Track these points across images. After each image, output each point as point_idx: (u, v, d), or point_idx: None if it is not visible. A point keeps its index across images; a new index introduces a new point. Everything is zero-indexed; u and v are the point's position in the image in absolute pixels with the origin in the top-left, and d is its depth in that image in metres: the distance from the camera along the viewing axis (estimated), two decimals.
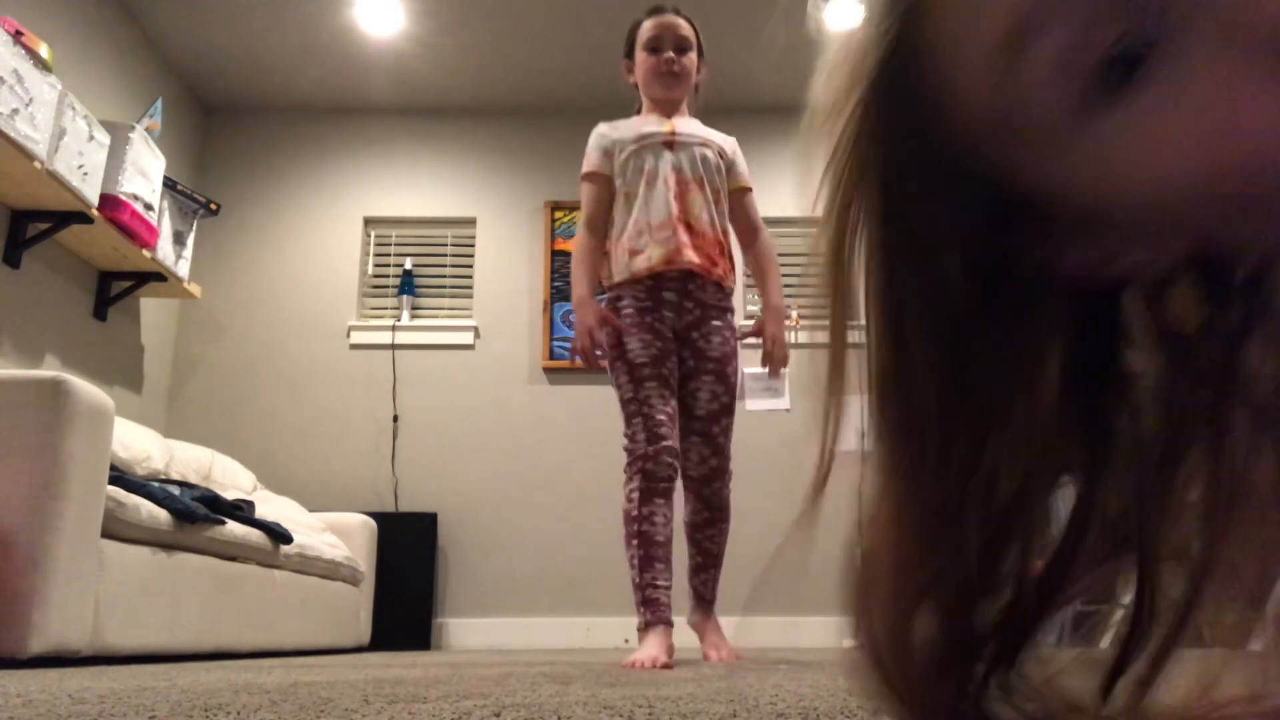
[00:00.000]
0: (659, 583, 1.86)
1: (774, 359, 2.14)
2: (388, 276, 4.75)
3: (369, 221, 4.79)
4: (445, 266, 4.77)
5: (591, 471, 4.42)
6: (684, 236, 2.00)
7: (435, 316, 4.69)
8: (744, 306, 4.66)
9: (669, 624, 1.84)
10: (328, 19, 4.22)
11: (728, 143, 2.21)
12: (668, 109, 2.13)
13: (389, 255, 4.78)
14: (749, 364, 4.57)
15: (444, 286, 4.75)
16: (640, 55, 2.13)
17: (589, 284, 2.05)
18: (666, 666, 1.65)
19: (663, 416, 1.92)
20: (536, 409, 4.50)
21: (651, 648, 1.75)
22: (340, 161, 4.84)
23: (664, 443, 1.90)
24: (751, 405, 4.54)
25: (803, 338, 4.61)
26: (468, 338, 4.59)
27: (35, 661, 1.93)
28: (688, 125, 2.13)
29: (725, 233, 2.12)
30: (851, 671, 0.46)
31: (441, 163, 4.85)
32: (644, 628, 1.84)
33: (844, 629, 0.47)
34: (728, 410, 2.12)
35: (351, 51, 4.44)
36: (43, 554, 1.79)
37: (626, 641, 4.16)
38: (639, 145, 2.06)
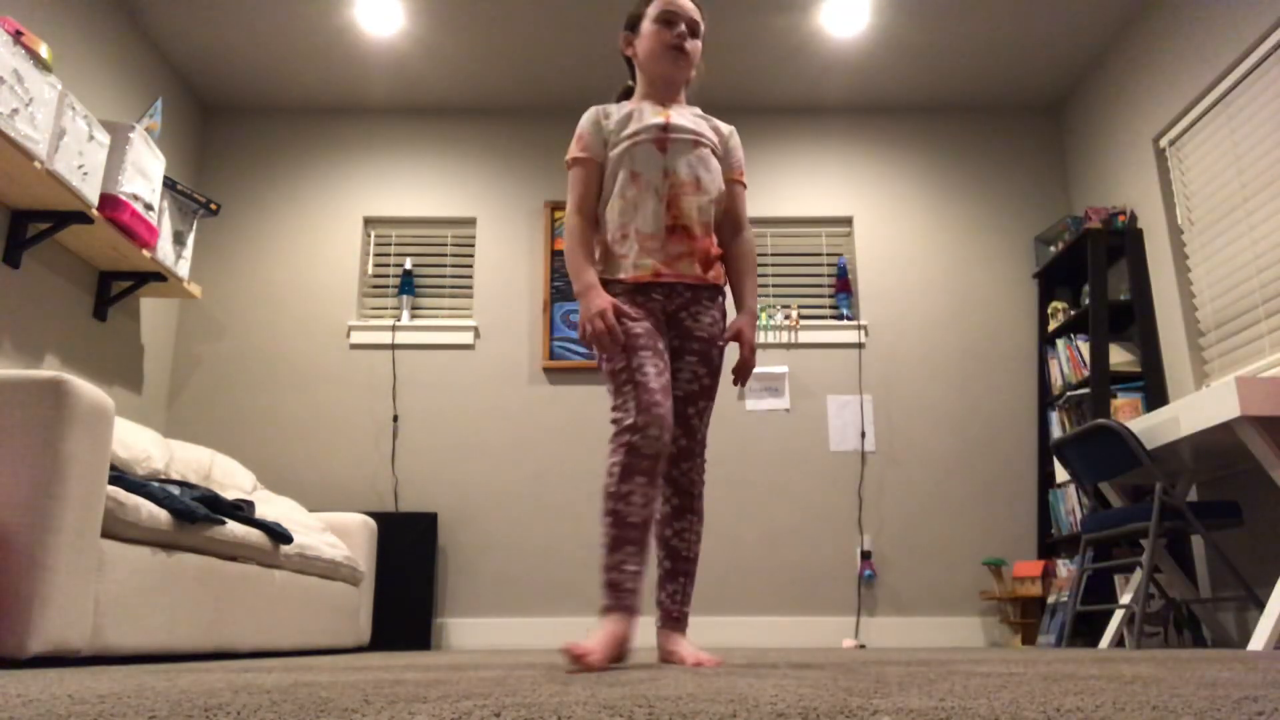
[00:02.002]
0: (627, 567, 1.71)
1: (748, 368, 1.98)
2: (388, 276, 4.75)
3: (369, 221, 4.80)
4: (445, 266, 4.77)
5: (591, 471, 4.42)
6: (674, 247, 1.90)
7: (435, 316, 4.69)
8: None
9: (631, 612, 1.70)
10: (328, 19, 4.22)
11: (724, 132, 2.07)
12: (668, 93, 2.03)
13: (389, 255, 4.78)
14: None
15: (444, 286, 4.75)
16: (649, 27, 2.01)
17: (592, 269, 1.89)
18: (601, 666, 1.53)
19: (657, 386, 1.78)
20: (536, 409, 4.50)
21: (601, 637, 1.62)
22: (340, 161, 4.84)
23: (656, 411, 1.75)
24: (751, 405, 4.54)
25: (803, 337, 4.61)
26: (468, 338, 4.59)
27: (35, 661, 1.94)
28: (683, 117, 1.99)
29: (716, 231, 2.02)
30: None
31: (441, 163, 4.85)
32: (603, 611, 1.71)
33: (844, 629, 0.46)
34: (706, 393, 1.96)
35: (351, 51, 4.45)
36: (43, 554, 1.80)
37: None
38: (631, 143, 1.94)
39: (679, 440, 1.94)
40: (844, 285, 4.67)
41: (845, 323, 4.61)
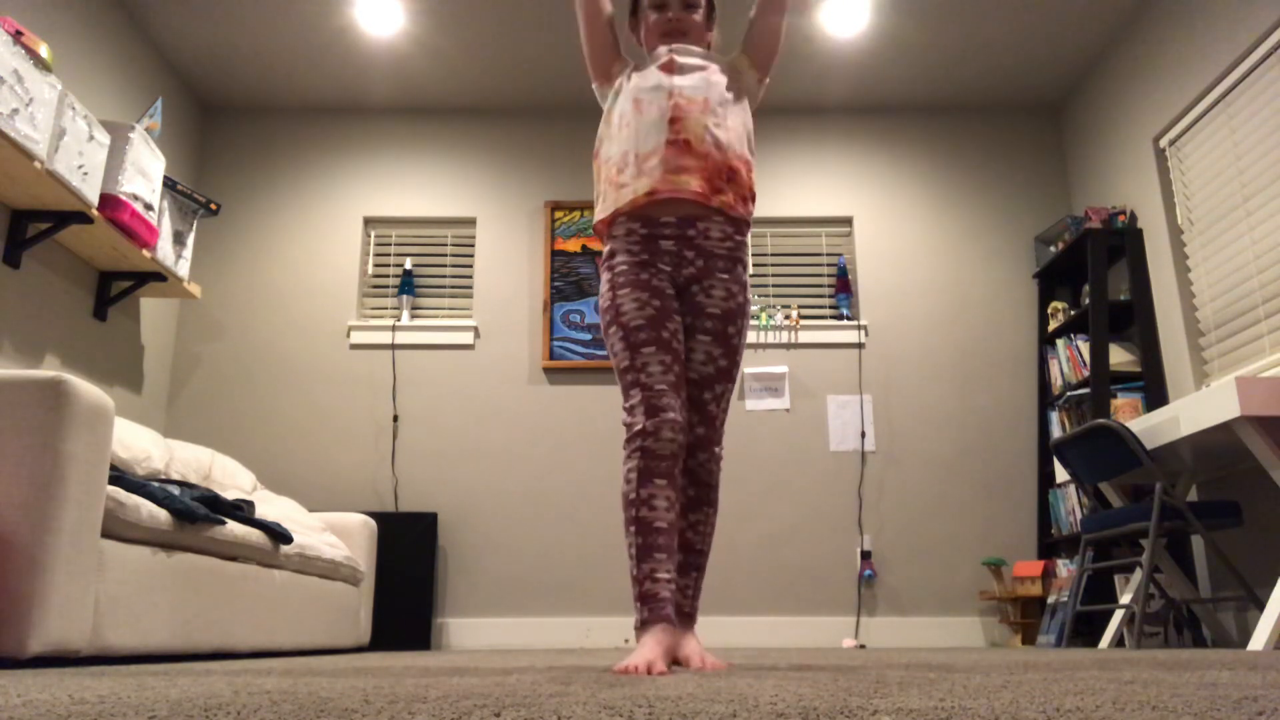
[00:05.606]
0: (659, 575, 1.62)
1: None
2: (388, 276, 4.75)
3: (369, 221, 4.80)
4: (445, 266, 4.77)
5: (591, 472, 4.42)
6: (677, 160, 1.78)
7: (435, 316, 4.69)
8: None
9: (670, 622, 1.61)
10: (328, 19, 4.22)
11: (732, 54, 2.02)
12: None
13: (389, 255, 4.78)
14: (748, 364, 4.58)
15: (444, 286, 4.75)
16: (646, 15, 2.03)
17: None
18: (663, 673, 1.45)
19: (663, 386, 1.71)
20: (536, 409, 4.50)
21: (647, 650, 1.53)
22: (340, 161, 4.84)
23: (665, 415, 1.68)
24: (751, 405, 4.54)
25: (803, 337, 4.61)
26: (468, 338, 4.59)
27: (35, 661, 1.93)
28: (687, 56, 1.94)
29: (741, 158, 1.85)
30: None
31: (441, 163, 4.85)
32: (641, 625, 1.62)
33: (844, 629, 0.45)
34: (724, 375, 1.84)
35: (351, 51, 4.44)
36: (43, 554, 1.79)
37: (626, 641, 4.16)
38: (635, 70, 1.93)
39: (696, 429, 1.83)
40: (844, 285, 4.67)
41: (845, 323, 4.61)
